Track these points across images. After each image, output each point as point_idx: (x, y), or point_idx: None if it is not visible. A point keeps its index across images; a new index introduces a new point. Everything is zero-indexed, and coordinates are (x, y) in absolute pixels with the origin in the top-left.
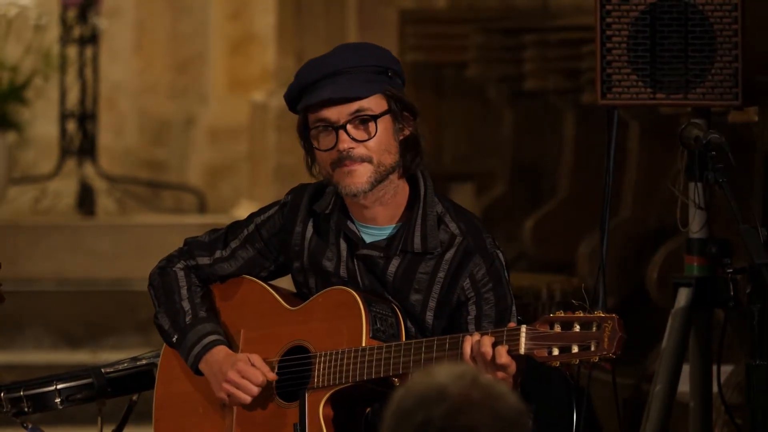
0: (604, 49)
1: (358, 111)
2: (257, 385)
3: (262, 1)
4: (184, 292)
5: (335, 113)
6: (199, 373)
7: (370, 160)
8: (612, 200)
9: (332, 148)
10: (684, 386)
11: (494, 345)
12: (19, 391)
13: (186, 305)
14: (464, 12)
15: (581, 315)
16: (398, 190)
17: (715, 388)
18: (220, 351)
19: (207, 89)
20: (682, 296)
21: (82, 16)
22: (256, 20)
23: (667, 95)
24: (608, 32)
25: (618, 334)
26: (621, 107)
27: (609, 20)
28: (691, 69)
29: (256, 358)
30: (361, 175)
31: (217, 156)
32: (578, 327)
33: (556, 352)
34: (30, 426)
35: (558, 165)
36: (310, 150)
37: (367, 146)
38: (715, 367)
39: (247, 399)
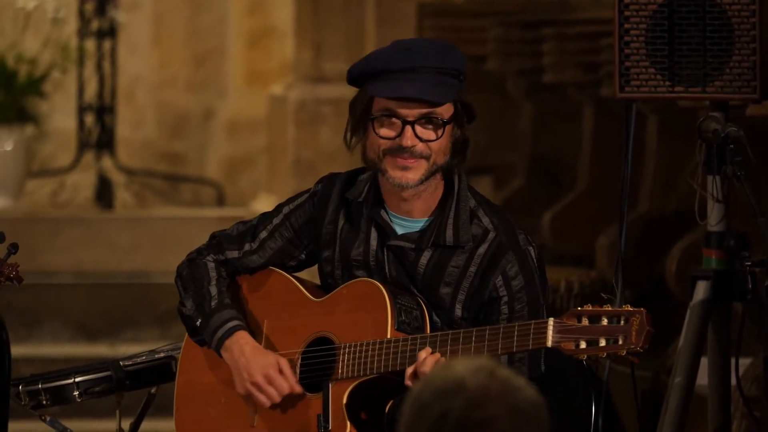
0: (623, 43)
1: (430, 113)
2: (282, 395)
3: None
4: (213, 281)
5: (407, 109)
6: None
7: (427, 158)
8: (630, 193)
9: (393, 138)
10: (702, 379)
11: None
12: (38, 384)
13: (213, 291)
14: (482, 5)
15: (609, 309)
16: (437, 186)
17: (733, 381)
18: (246, 340)
19: (225, 82)
20: (701, 289)
21: (101, 10)
22: (275, 14)
23: (686, 88)
24: (627, 25)
25: (646, 328)
26: (639, 100)
27: (627, 13)
28: (710, 62)
29: (285, 365)
30: (416, 171)
31: (236, 149)
32: (606, 320)
33: (583, 345)
34: (49, 419)
35: (576, 158)
36: (359, 128)
37: (430, 145)
38: (733, 360)
39: (267, 404)
